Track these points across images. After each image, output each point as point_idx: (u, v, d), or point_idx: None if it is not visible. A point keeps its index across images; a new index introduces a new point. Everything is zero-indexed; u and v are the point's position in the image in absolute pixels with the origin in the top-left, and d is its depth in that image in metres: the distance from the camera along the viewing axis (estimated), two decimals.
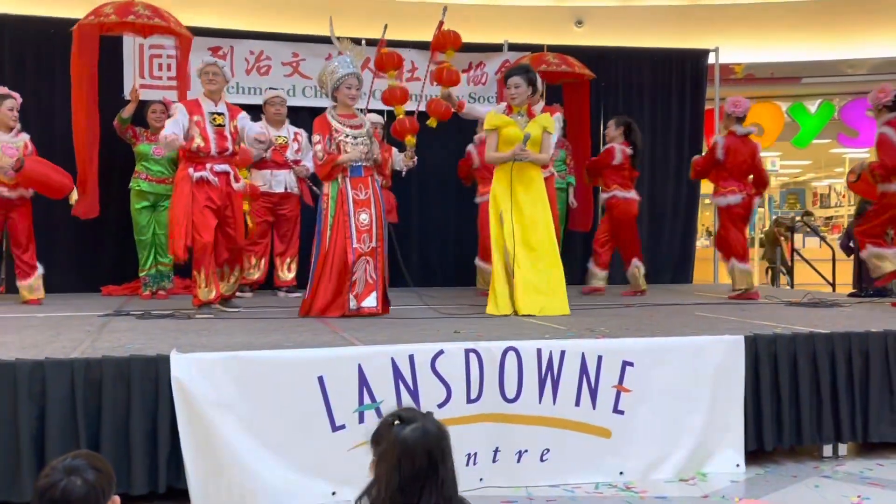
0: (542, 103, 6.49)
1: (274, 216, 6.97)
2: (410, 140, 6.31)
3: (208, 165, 5.39)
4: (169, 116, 6.03)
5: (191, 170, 5.36)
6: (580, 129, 8.09)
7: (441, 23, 6.44)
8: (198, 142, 5.38)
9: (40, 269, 6.26)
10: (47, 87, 7.11)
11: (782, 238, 11.35)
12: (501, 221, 5.37)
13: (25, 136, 6.17)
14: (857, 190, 6.81)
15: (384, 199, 6.85)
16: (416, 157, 6.45)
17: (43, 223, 6.83)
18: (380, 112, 7.15)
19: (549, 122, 5.56)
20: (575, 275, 7.55)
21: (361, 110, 5.99)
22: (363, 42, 6.08)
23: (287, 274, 7.10)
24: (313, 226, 5.52)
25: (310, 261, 5.44)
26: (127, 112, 6.73)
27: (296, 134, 7.01)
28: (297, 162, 6.96)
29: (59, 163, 6.32)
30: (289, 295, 6.93)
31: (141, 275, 6.82)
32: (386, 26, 6.24)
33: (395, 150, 7.03)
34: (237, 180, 5.54)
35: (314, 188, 6.85)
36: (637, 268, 7.16)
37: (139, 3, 6.22)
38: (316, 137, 5.32)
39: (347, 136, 5.30)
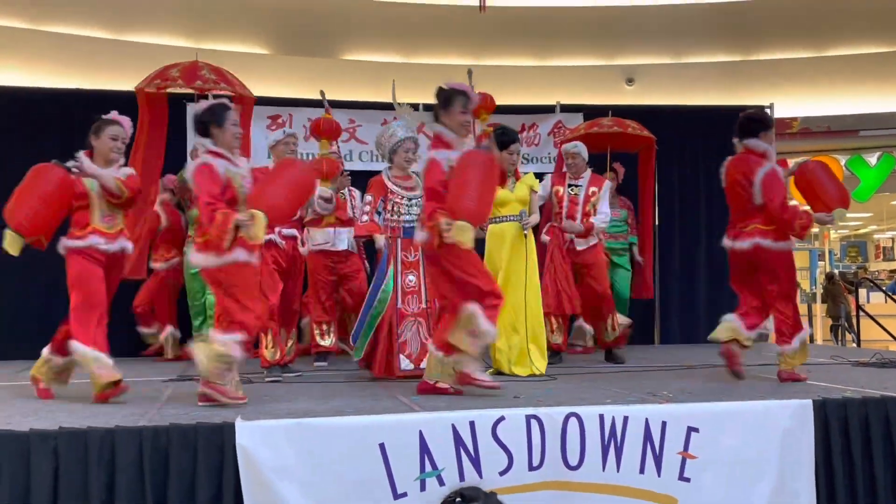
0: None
1: (337, 276, 6.62)
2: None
3: (276, 229, 5.52)
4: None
5: None
6: (645, 189, 8.06)
7: (471, 87, 6.52)
8: None
9: None
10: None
11: (847, 293, 11.03)
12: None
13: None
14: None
15: None
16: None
17: None
18: None
19: (535, 182, 5.72)
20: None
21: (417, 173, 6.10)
22: (420, 107, 6.23)
23: None
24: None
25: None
26: None
27: (350, 191, 6.84)
28: (351, 221, 6.67)
29: None
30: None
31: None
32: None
33: None
34: (303, 244, 5.70)
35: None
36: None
37: (204, 65, 6.33)
38: (368, 198, 5.52)
39: (403, 197, 5.48)
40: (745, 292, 5.16)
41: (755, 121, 5.13)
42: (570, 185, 6.52)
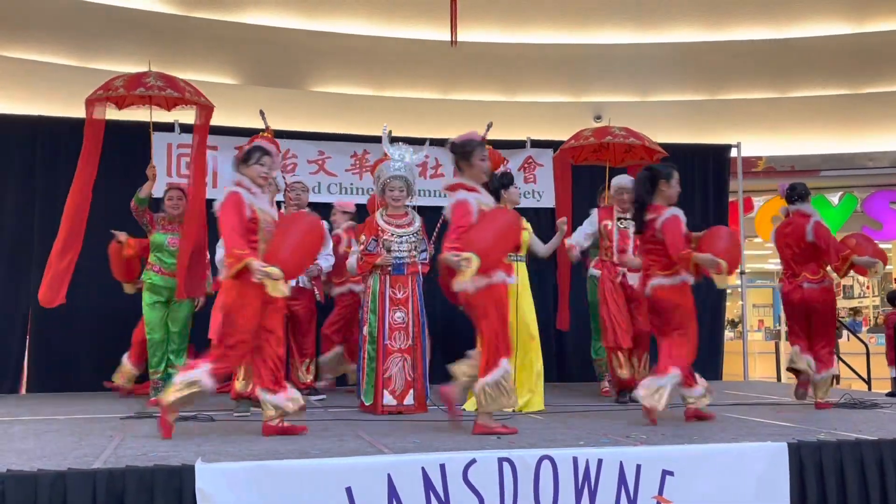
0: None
1: (288, 312, 6.11)
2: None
3: None
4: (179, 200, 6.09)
5: None
6: None
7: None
8: None
9: None
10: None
11: None
12: None
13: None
14: None
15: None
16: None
17: (63, 319, 6.81)
18: None
19: (527, 225, 5.78)
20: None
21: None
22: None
23: (306, 376, 6.57)
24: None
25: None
26: (144, 192, 5.99)
27: None
28: None
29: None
30: (309, 398, 6.37)
31: (152, 378, 6.01)
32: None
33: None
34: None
35: (319, 293, 6.66)
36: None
37: (152, 74, 5.93)
38: (362, 238, 5.51)
39: (393, 234, 5.45)
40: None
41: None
42: (619, 219, 6.40)
